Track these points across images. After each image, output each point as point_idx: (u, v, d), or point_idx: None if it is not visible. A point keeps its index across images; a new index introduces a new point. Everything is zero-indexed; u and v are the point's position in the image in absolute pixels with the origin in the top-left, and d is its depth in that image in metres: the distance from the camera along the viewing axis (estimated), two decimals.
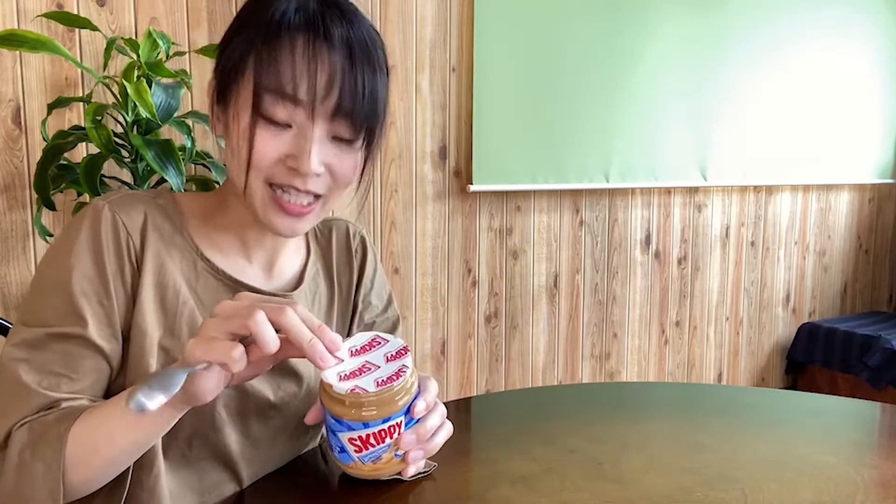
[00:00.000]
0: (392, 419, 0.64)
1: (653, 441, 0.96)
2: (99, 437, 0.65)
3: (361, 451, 0.65)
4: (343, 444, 0.65)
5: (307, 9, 0.70)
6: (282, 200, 0.73)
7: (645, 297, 2.86)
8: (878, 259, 3.62)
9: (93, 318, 0.71)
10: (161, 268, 0.75)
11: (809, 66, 3.04)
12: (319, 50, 0.69)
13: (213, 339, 0.59)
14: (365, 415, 0.63)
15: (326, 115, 0.70)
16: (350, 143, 0.74)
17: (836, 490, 0.81)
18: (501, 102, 2.33)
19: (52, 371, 0.69)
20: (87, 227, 0.73)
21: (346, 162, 0.74)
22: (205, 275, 0.79)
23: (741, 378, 3.21)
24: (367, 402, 0.63)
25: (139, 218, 0.75)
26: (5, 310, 1.68)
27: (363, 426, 0.63)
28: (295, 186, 0.72)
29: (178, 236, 0.78)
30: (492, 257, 2.46)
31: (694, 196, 2.93)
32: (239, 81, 0.71)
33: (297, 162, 0.70)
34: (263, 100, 0.69)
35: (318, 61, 0.69)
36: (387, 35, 2.15)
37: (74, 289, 0.70)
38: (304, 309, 0.63)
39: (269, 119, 0.70)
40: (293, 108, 0.70)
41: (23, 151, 1.66)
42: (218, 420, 0.78)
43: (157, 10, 1.78)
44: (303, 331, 0.61)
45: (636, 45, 2.57)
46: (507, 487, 0.80)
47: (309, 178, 0.72)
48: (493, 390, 2.51)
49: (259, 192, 0.73)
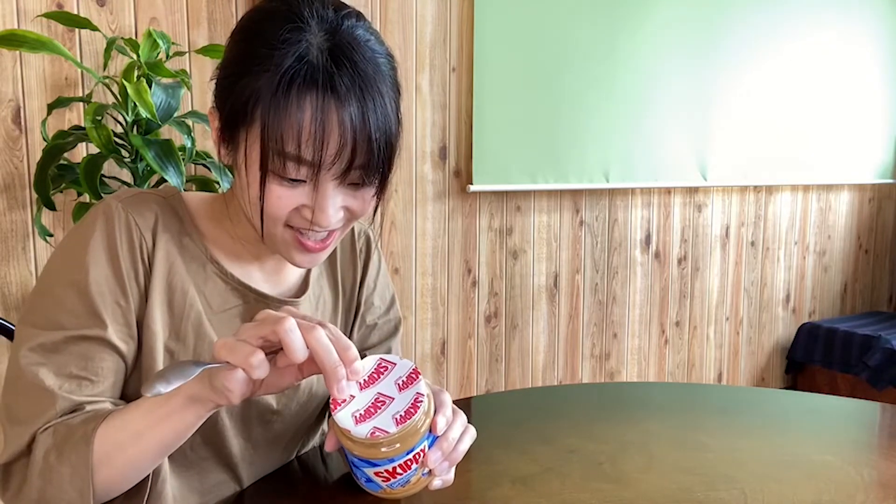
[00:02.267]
0: (416, 448, 0.63)
1: (653, 441, 0.96)
2: (126, 437, 0.65)
3: (389, 480, 0.64)
4: (370, 476, 0.65)
5: (313, 63, 0.65)
6: (303, 240, 0.73)
7: (645, 297, 2.86)
8: (878, 259, 3.62)
9: (111, 319, 0.70)
10: (171, 269, 0.75)
11: (810, 66, 3.03)
12: (328, 109, 0.65)
13: (239, 342, 0.60)
14: (388, 451, 0.62)
15: (340, 172, 0.68)
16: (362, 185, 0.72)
17: (836, 490, 0.81)
18: (501, 102, 2.33)
19: (73, 374, 0.68)
20: (101, 227, 0.72)
21: (360, 200, 0.73)
22: (213, 277, 0.78)
23: (741, 378, 3.21)
24: (389, 442, 0.62)
25: (151, 218, 0.75)
26: (5, 310, 1.68)
27: (388, 461, 0.63)
28: (315, 230, 0.72)
29: (188, 238, 0.77)
30: (492, 257, 2.46)
31: (694, 196, 2.93)
32: (248, 129, 0.68)
33: (315, 216, 0.70)
34: (274, 161, 0.66)
35: (328, 123, 0.65)
36: (387, 35, 2.15)
37: (92, 289, 0.69)
38: (337, 330, 0.63)
39: (280, 176, 0.68)
40: (305, 167, 0.67)
41: (23, 151, 1.66)
42: (220, 425, 0.78)
43: (157, 10, 1.78)
44: (331, 354, 0.61)
45: (636, 46, 2.57)
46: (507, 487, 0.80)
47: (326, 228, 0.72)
48: (493, 390, 2.51)
49: (279, 235, 0.73)
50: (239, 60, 0.69)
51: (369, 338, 0.95)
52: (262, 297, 0.81)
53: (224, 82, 0.71)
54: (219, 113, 0.72)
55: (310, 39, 0.66)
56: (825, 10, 3.04)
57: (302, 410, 0.86)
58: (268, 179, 0.68)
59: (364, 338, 0.95)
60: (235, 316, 0.80)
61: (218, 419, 0.78)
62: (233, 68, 0.69)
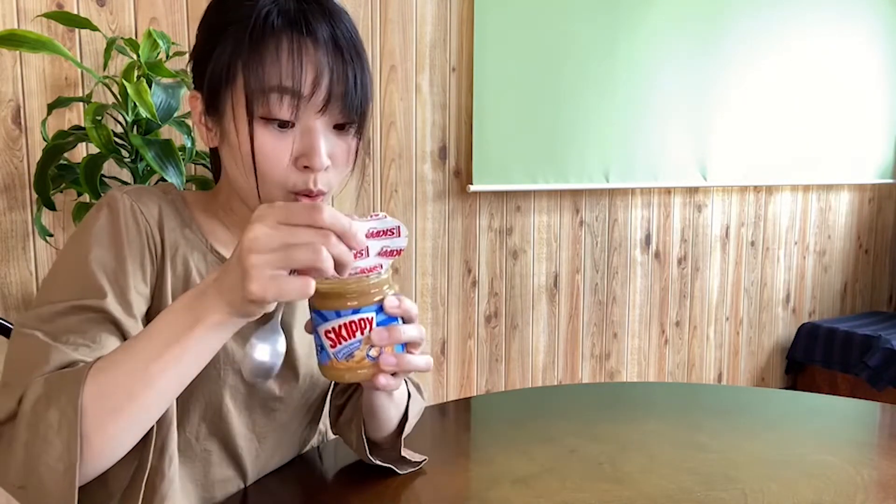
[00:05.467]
0: (361, 312, 0.64)
1: (653, 441, 0.96)
2: (129, 367, 0.59)
3: (335, 345, 0.65)
4: (322, 340, 0.66)
5: (288, 10, 0.70)
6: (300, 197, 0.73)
7: (645, 297, 2.86)
8: (878, 259, 3.62)
9: (110, 291, 0.69)
10: (178, 259, 0.76)
11: (809, 66, 3.04)
12: (305, 45, 0.70)
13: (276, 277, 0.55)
14: (336, 303, 0.64)
15: (322, 105, 0.71)
16: (344, 128, 0.74)
17: (836, 490, 0.81)
18: (501, 102, 2.33)
19: (70, 340, 0.64)
20: (105, 214, 0.73)
21: (344, 146, 0.74)
22: (214, 266, 0.79)
23: (741, 378, 3.21)
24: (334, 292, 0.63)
25: (155, 209, 0.76)
26: (5, 310, 1.68)
27: (336, 315, 0.64)
28: (309, 191, 0.72)
29: (188, 229, 0.79)
30: (492, 257, 2.46)
31: (694, 196, 2.93)
32: (231, 89, 0.71)
33: (310, 160, 0.71)
34: (260, 101, 0.69)
35: (306, 55, 0.69)
36: (387, 35, 2.15)
37: (92, 265, 0.69)
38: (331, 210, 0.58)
39: (268, 119, 0.70)
40: (293, 104, 0.70)
41: (23, 151, 1.66)
42: (225, 412, 0.79)
43: (157, 10, 1.78)
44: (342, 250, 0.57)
45: (636, 45, 2.57)
46: (507, 487, 0.80)
47: (319, 174, 0.72)
48: (493, 390, 2.51)
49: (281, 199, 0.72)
50: (210, 35, 0.73)
51: None
52: None
53: (200, 59, 0.74)
54: (200, 91, 0.75)
55: None
56: (825, 10, 3.04)
57: (304, 399, 0.87)
58: (257, 131, 0.70)
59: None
60: None
61: (223, 406, 0.79)
62: (205, 45, 0.74)
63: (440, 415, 1.07)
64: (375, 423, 0.85)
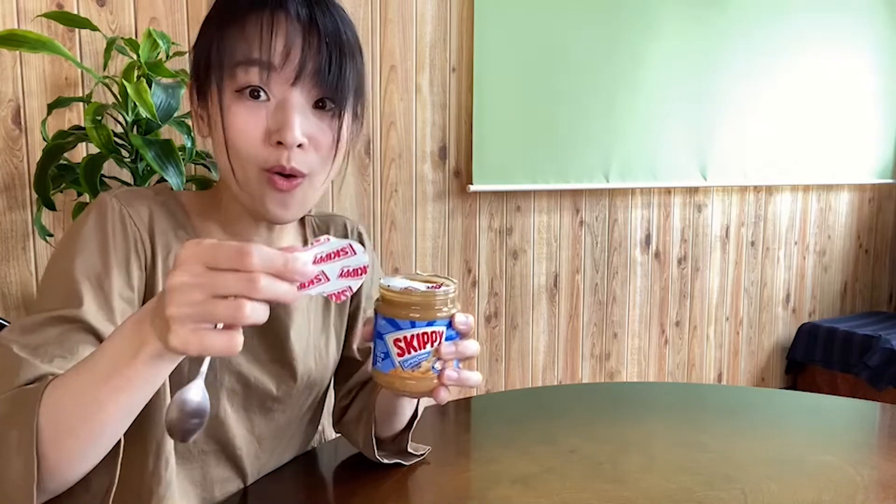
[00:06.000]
0: (435, 324, 0.67)
1: (653, 441, 0.96)
2: (78, 388, 0.57)
3: (404, 354, 0.68)
4: (388, 347, 0.68)
5: None
6: (274, 178, 0.72)
7: (645, 297, 2.86)
8: (878, 259, 3.62)
9: (90, 299, 0.68)
10: (171, 261, 0.76)
11: (809, 67, 3.03)
12: (278, 18, 0.70)
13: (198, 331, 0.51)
14: (412, 314, 0.67)
15: (296, 78, 0.70)
16: (324, 108, 0.73)
17: (836, 490, 0.81)
18: (501, 102, 2.33)
19: (48, 352, 0.64)
20: (93, 218, 0.73)
21: (325, 130, 0.73)
22: None
23: (741, 378, 3.21)
24: (415, 302, 0.67)
25: (145, 212, 0.76)
26: (5, 310, 1.68)
27: (410, 325, 0.67)
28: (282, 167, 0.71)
29: (182, 230, 0.78)
30: (492, 257, 2.46)
31: (694, 196, 2.93)
32: (211, 71, 0.72)
33: (282, 134, 0.69)
34: (233, 73, 0.70)
35: (277, 27, 0.70)
36: (387, 35, 2.16)
37: (76, 272, 0.69)
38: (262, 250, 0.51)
39: (242, 90, 0.70)
40: (264, 73, 0.70)
41: (23, 151, 1.66)
42: (223, 414, 0.79)
43: (157, 10, 1.78)
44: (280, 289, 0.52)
45: (636, 46, 2.57)
46: (507, 487, 0.80)
47: (293, 151, 0.71)
48: (493, 390, 2.51)
49: (253, 180, 0.72)
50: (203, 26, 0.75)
51: None
52: None
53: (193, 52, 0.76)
54: (191, 80, 0.76)
55: None
56: (825, 11, 3.04)
57: (302, 399, 0.87)
58: (231, 106, 0.70)
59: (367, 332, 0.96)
60: None
61: (219, 408, 0.78)
62: (199, 35, 0.75)
63: (440, 415, 1.07)
64: (389, 424, 0.85)
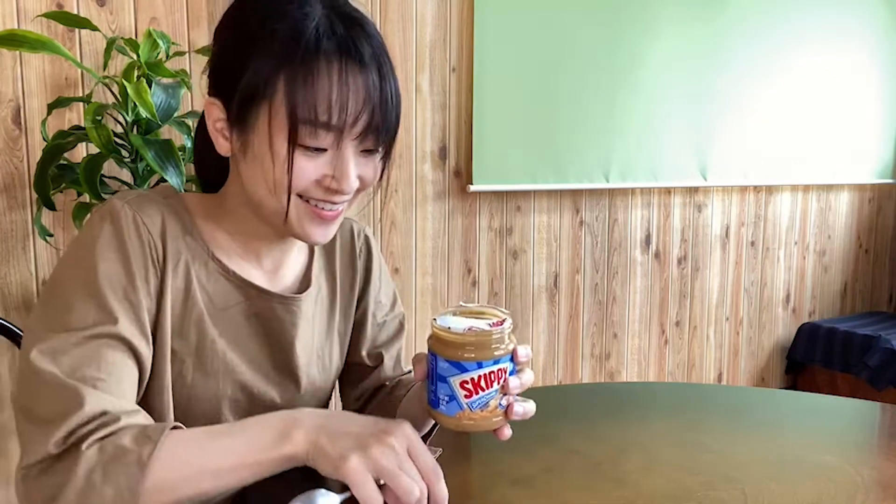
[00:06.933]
0: (501, 362, 0.67)
1: (653, 441, 0.96)
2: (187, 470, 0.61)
3: (471, 395, 0.67)
4: (454, 390, 0.67)
5: (336, 31, 0.68)
6: (320, 211, 0.75)
7: (645, 297, 2.86)
8: (878, 259, 3.62)
9: (122, 314, 0.68)
10: (179, 269, 0.75)
11: (809, 67, 3.03)
12: (353, 73, 0.69)
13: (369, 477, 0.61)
14: (478, 355, 0.66)
15: (359, 133, 0.71)
16: (372, 152, 0.75)
17: (836, 490, 0.81)
18: (501, 102, 2.33)
19: (86, 374, 0.64)
20: (108, 227, 0.71)
21: (371, 167, 0.76)
22: (215, 275, 0.78)
23: (741, 378, 3.21)
24: (480, 343, 0.66)
25: (157, 217, 0.74)
26: (5, 310, 1.68)
27: (477, 366, 0.66)
28: (332, 201, 0.74)
29: (189, 237, 0.77)
30: (492, 257, 2.46)
31: (694, 196, 2.93)
32: (269, 105, 0.69)
33: (339, 183, 0.72)
34: (302, 129, 0.68)
35: (354, 86, 0.69)
36: (387, 35, 2.15)
37: (101, 286, 0.68)
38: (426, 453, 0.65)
39: (306, 146, 0.70)
40: (331, 134, 0.70)
41: (23, 151, 1.66)
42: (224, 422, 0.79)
43: (157, 10, 1.78)
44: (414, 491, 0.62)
45: (636, 45, 2.57)
46: (507, 487, 0.80)
47: (346, 195, 0.74)
48: None
49: (294, 206, 0.73)
50: (244, 40, 0.70)
51: (379, 336, 0.97)
52: (265, 293, 0.81)
53: (230, 66, 0.71)
54: (222, 99, 0.72)
55: (316, 9, 0.69)
56: (824, 12, 3.03)
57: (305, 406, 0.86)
58: (295, 157, 0.70)
59: (375, 336, 0.97)
60: (238, 313, 0.80)
61: (221, 417, 0.78)
62: (238, 50, 0.70)
63: None
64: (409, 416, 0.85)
